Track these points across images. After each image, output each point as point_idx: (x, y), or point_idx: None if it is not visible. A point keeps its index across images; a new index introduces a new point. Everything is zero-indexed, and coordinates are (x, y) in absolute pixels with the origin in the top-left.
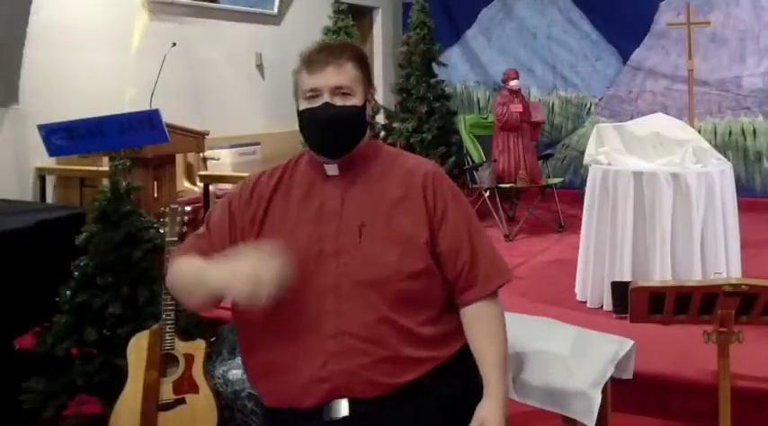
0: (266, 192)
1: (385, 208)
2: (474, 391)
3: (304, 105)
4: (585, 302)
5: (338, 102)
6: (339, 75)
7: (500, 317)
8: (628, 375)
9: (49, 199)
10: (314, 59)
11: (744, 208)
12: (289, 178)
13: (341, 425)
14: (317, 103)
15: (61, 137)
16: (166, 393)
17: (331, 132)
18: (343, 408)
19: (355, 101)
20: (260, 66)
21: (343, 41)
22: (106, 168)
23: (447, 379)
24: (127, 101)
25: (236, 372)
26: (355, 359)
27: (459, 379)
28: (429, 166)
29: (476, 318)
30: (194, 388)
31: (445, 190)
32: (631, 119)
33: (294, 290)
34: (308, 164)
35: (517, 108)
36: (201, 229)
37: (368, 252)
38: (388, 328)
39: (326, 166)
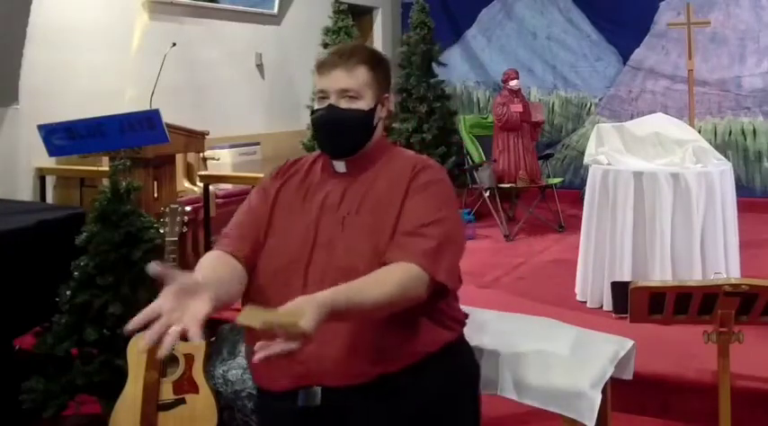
0: (288, 172)
1: (372, 200)
2: (454, 394)
3: (315, 106)
4: (585, 302)
5: (343, 104)
6: (347, 78)
7: (402, 283)
8: (628, 375)
9: (49, 199)
10: (325, 61)
11: (744, 208)
12: (308, 167)
13: (313, 416)
14: (323, 105)
15: (61, 137)
16: (166, 393)
17: (333, 134)
18: (315, 396)
19: (362, 105)
20: (260, 66)
21: (360, 44)
22: (106, 168)
23: (425, 378)
24: (127, 101)
25: (236, 372)
26: (329, 344)
27: (439, 380)
28: (423, 159)
29: (384, 268)
30: (194, 388)
31: (422, 178)
32: (631, 119)
33: (287, 276)
34: (324, 161)
35: (517, 108)
36: (245, 206)
37: (349, 241)
38: None
39: (335, 163)
